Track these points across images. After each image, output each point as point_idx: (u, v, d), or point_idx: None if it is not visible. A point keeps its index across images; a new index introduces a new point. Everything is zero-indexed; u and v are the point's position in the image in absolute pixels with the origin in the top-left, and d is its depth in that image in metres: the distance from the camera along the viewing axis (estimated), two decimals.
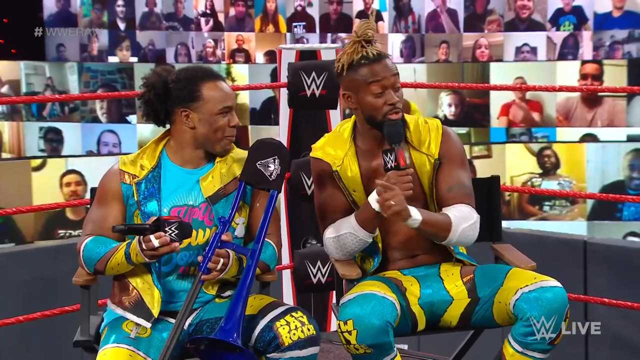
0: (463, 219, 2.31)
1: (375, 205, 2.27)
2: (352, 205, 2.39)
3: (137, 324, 2.19)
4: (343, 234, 2.34)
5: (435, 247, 2.41)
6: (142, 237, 2.14)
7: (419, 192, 2.36)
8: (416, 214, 2.25)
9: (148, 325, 2.18)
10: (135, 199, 2.23)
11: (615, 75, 7.19)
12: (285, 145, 4.04)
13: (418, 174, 2.37)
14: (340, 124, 2.48)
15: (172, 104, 2.25)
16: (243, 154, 2.32)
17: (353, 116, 2.44)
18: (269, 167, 2.24)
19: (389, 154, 2.27)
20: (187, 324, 2.22)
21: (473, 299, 2.33)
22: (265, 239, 2.27)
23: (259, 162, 2.24)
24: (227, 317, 2.10)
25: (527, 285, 2.23)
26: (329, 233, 2.38)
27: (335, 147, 2.40)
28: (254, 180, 2.25)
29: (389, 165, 2.26)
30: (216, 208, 2.23)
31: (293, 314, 2.15)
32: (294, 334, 2.11)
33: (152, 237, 2.12)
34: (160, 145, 2.31)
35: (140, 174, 2.25)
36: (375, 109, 2.32)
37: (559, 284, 2.24)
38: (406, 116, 2.42)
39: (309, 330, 2.13)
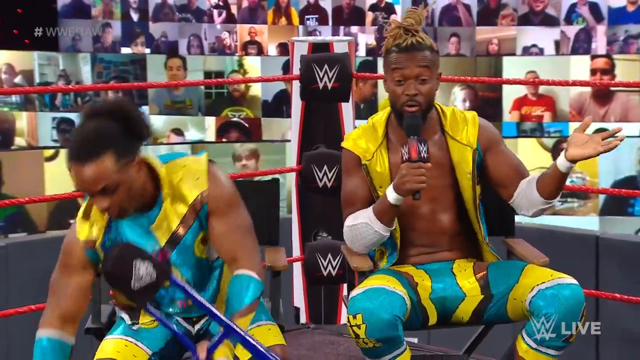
0: None
1: (390, 197, 2.26)
2: (375, 201, 2.37)
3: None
4: (359, 223, 2.33)
5: (455, 244, 2.40)
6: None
7: (449, 181, 2.37)
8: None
9: (129, 321, 2.13)
10: (102, 258, 2.09)
11: (628, 69, 7.15)
12: (297, 137, 4.05)
13: (453, 163, 2.37)
14: (374, 115, 2.46)
15: None
16: (188, 184, 2.08)
17: (388, 107, 2.43)
18: (142, 275, 1.91)
19: (404, 146, 2.26)
20: (195, 329, 2.17)
21: (486, 295, 2.32)
22: (237, 272, 2.06)
23: (134, 284, 1.91)
24: None
25: (543, 282, 2.21)
26: (347, 222, 2.37)
27: (368, 139, 2.39)
28: (150, 295, 1.93)
29: (404, 157, 2.26)
30: (174, 255, 2.10)
31: None
32: None
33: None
34: None
35: (97, 234, 2.09)
36: (395, 96, 2.33)
37: (575, 282, 2.22)
38: (443, 107, 2.43)
39: None
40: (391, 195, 2.27)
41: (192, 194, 2.07)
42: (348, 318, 2.21)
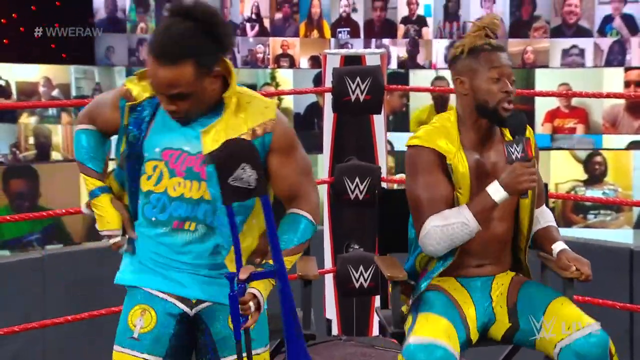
0: None
1: (496, 196, 2.22)
2: (455, 201, 2.32)
3: (142, 314, 2.09)
4: (453, 223, 2.26)
5: (502, 255, 2.38)
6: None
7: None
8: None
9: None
10: (125, 122, 2.08)
11: None
12: (329, 149, 4.05)
13: None
14: (437, 117, 2.41)
15: None
16: (257, 106, 2.06)
17: (451, 110, 2.39)
18: (243, 177, 1.98)
19: (514, 145, 2.22)
20: (193, 311, 2.13)
21: (513, 324, 2.32)
22: (293, 210, 2.08)
23: (231, 179, 1.97)
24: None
25: (562, 340, 2.20)
26: (435, 222, 2.28)
27: (447, 139, 2.33)
28: (239, 198, 1.99)
29: (513, 156, 2.22)
30: (208, 169, 2.03)
31: None
32: None
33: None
34: None
35: (139, 96, 2.07)
36: (491, 94, 2.29)
37: (596, 327, 2.20)
38: None
39: None
40: (499, 194, 2.23)
41: (256, 118, 2.05)
42: None
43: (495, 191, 2.23)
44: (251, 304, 1.98)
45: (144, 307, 2.10)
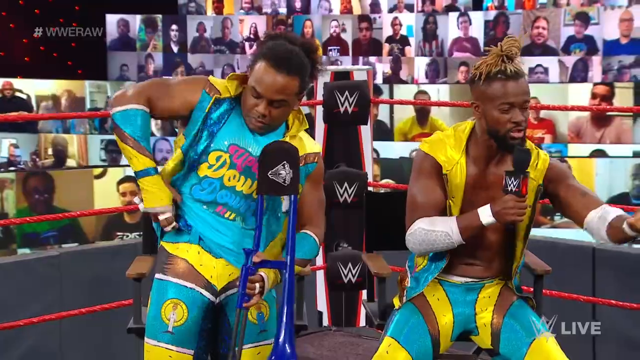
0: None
1: (484, 219, 2.13)
2: (447, 209, 2.23)
3: (174, 309, 2.10)
4: (438, 231, 2.16)
5: (493, 262, 2.28)
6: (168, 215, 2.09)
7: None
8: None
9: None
10: (206, 110, 2.09)
11: (622, 96, 7.10)
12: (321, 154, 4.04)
13: None
14: (456, 125, 2.30)
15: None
16: (310, 141, 2.20)
17: (471, 121, 2.28)
18: (281, 173, 2.06)
19: (513, 178, 2.11)
20: (217, 300, 2.14)
21: (495, 348, 2.23)
22: (306, 231, 2.16)
23: (270, 172, 2.05)
24: (277, 350, 2.00)
25: None
26: (422, 224, 2.18)
27: (452, 148, 2.23)
28: (271, 190, 2.06)
29: (509, 188, 2.11)
30: None
31: None
32: None
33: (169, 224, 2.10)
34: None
35: (223, 93, 2.11)
36: (500, 124, 2.17)
37: None
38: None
39: None
40: (487, 219, 2.13)
41: (308, 148, 2.17)
42: None
43: (485, 215, 2.13)
44: (257, 285, 2.02)
45: (175, 301, 2.10)
